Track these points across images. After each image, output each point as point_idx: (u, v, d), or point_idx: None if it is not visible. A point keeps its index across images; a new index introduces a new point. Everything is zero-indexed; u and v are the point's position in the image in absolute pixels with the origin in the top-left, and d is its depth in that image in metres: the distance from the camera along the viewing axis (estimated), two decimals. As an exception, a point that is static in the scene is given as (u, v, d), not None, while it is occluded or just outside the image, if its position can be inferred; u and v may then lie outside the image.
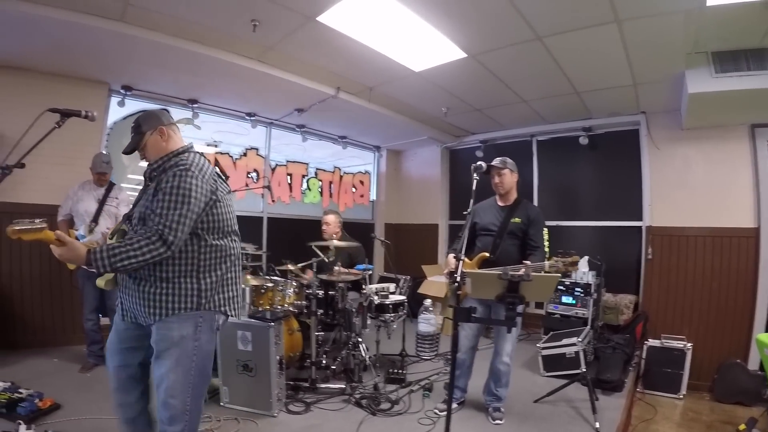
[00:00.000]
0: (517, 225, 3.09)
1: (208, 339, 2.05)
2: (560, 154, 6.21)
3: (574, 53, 3.82)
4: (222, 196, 2.06)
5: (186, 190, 1.90)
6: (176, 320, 1.97)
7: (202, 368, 2.04)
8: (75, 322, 4.40)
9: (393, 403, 3.26)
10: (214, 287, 2.03)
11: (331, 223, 4.45)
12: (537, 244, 3.01)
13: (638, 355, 4.52)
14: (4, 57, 4.11)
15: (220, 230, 2.06)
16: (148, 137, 2.13)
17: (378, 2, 3.09)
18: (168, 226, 1.85)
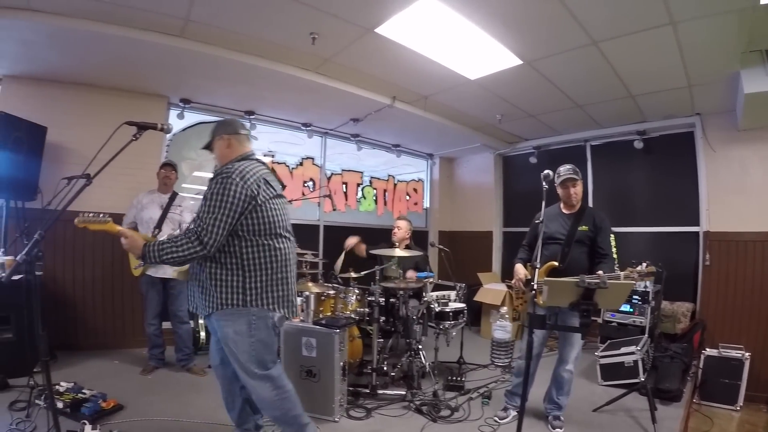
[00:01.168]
0: (584, 233, 3.10)
1: (265, 335, 2.24)
2: (615, 159, 6.15)
3: (629, 57, 3.81)
4: (265, 200, 2.23)
5: (223, 196, 2.13)
6: (229, 316, 2.20)
7: (264, 361, 2.25)
8: (135, 325, 4.67)
9: (453, 411, 3.32)
10: (262, 285, 2.21)
11: (402, 228, 4.60)
12: (605, 252, 3.02)
13: (695, 365, 4.42)
14: (68, 73, 4.41)
15: (264, 232, 2.22)
16: (216, 141, 2.45)
17: (435, 12, 3.17)
18: (204, 228, 2.10)
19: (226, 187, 2.15)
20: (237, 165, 2.27)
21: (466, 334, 4.52)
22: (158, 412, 3.13)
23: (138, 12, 3.36)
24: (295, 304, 2.37)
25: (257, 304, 2.19)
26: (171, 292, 4.03)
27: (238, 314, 2.19)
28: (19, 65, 4.25)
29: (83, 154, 4.40)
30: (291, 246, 2.37)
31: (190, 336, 4.17)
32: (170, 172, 4.12)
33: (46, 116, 4.28)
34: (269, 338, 2.26)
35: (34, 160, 4.14)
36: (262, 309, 2.22)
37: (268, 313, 2.23)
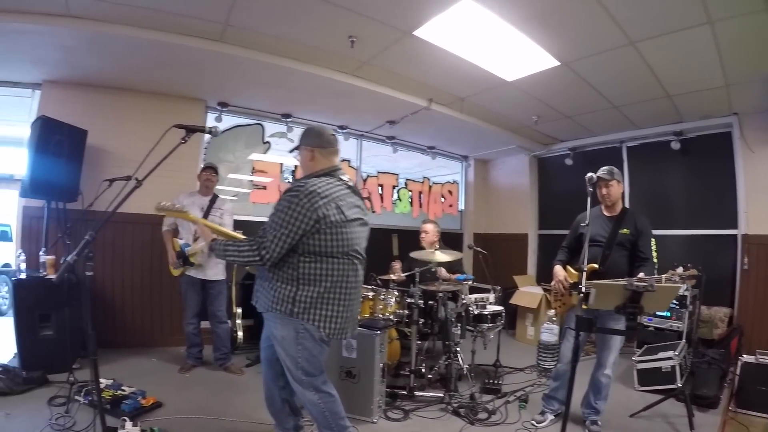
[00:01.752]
0: (625, 236, 3.09)
1: (312, 346, 2.25)
2: (651, 160, 6.08)
3: (666, 56, 3.80)
4: (332, 223, 2.20)
5: (287, 216, 2.15)
6: (279, 320, 2.26)
7: (309, 366, 2.28)
8: (173, 324, 4.80)
9: (490, 414, 3.34)
10: (311, 301, 2.21)
11: (429, 231, 4.62)
12: (646, 256, 3.01)
13: (732, 371, 4.35)
14: (107, 78, 4.56)
15: (324, 252, 2.22)
16: (301, 150, 2.44)
17: (474, 14, 3.21)
18: (264, 244, 2.16)
19: (292, 207, 2.16)
20: (311, 183, 2.25)
21: (502, 338, 4.53)
22: (197, 410, 3.20)
23: (178, 17, 3.46)
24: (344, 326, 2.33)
25: (304, 318, 2.22)
26: (210, 292, 4.12)
27: (288, 321, 2.24)
28: (59, 70, 4.39)
29: (123, 157, 4.59)
30: (353, 268, 2.35)
31: (228, 335, 4.25)
32: (212, 175, 4.19)
33: (87, 120, 4.40)
34: (315, 350, 2.27)
35: (75, 163, 4.25)
36: (308, 323, 2.23)
37: (316, 332, 2.24)
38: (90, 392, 3.20)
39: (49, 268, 3.97)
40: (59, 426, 2.83)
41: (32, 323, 3.74)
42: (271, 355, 2.46)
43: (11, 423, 2.87)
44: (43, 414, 2.98)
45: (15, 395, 3.27)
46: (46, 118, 4.02)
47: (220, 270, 4.15)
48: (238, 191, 5.58)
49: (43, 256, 4.03)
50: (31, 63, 4.23)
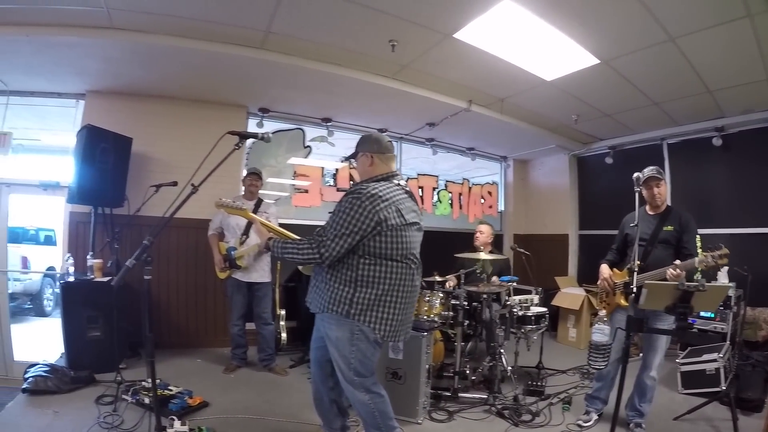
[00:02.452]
0: (669, 233, 3.09)
1: (366, 347, 2.28)
2: (693, 158, 5.97)
3: (706, 51, 3.75)
4: (391, 226, 2.24)
5: (349, 216, 2.18)
6: (334, 321, 2.29)
7: (362, 368, 2.31)
8: (216, 326, 4.94)
9: (534, 415, 3.33)
10: (368, 303, 2.24)
11: (485, 232, 4.68)
12: (690, 251, 2.99)
13: None
14: (150, 87, 4.71)
15: (383, 255, 2.25)
16: (359, 157, 2.49)
17: (513, 15, 3.22)
18: (324, 242, 2.20)
19: (355, 208, 2.20)
20: (372, 186, 2.29)
21: (546, 339, 4.54)
22: (243, 410, 3.27)
23: (220, 26, 3.55)
24: (398, 329, 2.36)
25: (360, 319, 2.26)
26: (256, 294, 4.19)
27: (344, 322, 2.27)
28: (102, 81, 4.55)
29: (167, 163, 4.74)
30: (410, 272, 2.37)
31: (272, 337, 4.32)
32: (256, 180, 4.26)
33: (131, 128, 4.55)
34: (369, 351, 2.31)
35: (120, 169, 4.40)
36: (364, 325, 2.26)
37: (371, 334, 2.28)
38: (137, 392, 3.30)
39: (97, 271, 4.11)
40: (107, 424, 2.92)
41: (80, 324, 3.87)
42: (322, 356, 2.50)
43: (60, 421, 2.97)
44: (91, 412, 3.08)
45: (63, 394, 3.38)
46: (92, 127, 4.17)
47: (265, 272, 4.21)
48: (280, 195, 5.68)
49: (90, 259, 4.18)
50: (75, 74, 4.39)
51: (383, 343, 2.37)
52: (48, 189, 4.78)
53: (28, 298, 7.14)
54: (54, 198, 4.88)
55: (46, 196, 4.86)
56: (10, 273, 4.98)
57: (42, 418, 3.00)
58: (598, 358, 3.01)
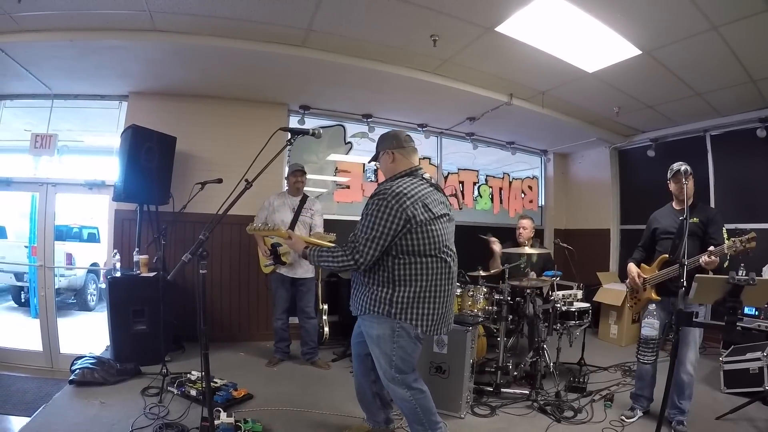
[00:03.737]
0: (695, 225, 3.06)
1: (407, 344, 2.31)
2: (737, 149, 5.75)
3: (748, 40, 3.64)
4: (420, 223, 2.24)
5: (378, 218, 2.21)
6: (375, 320, 2.33)
7: (403, 365, 2.33)
8: (260, 320, 5.04)
9: (576, 412, 3.29)
10: (408, 301, 2.25)
11: (527, 227, 4.65)
12: (718, 242, 2.95)
13: None
14: (192, 87, 4.82)
15: (417, 252, 2.26)
16: (381, 156, 2.52)
17: (554, 8, 3.19)
18: (357, 248, 2.23)
19: (382, 210, 2.22)
20: (396, 184, 2.31)
21: (588, 336, 4.45)
22: (287, 403, 3.31)
23: (261, 25, 3.59)
24: (440, 323, 2.37)
25: (401, 317, 2.28)
26: (300, 289, 4.25)
27: (385, 320, 2.30)
28: (145, 82, 4.68)
29: (210, 161, 4.86)
30: (446, 265, 2.37)
31: (315, 331, 4.37)
32: (301, 176, 4.28)
33: (174, 127, 4.67)
34: (410, 348, 2.33)
35: (165, 168, 4.51)
36: (405, 322, 2.28)
37: (412, 330, 2.29)
38: (183, 383, 3.39)
39: (143, 266, 4.23)
40: (153, 415, 2.98)
41: (126, 318, 4.00)
42: (362, 350, 2.56)
43: (107, 411, 3.05)
44: (137, 403, 3.17)
45: (109, 385, 3.48)
46: (137, 127, 4.29)
47: (310, 268, 4.25)
48: (321, 191, 5.73)
49: (136, 255, 4.27)
50: (118, 76, 4.52)
51: (424, 339, 2.38)
52: (93, 188, 4.96)
53: (72, 293, 7.41)
54: (99, 197, 5.04)
55: (92, 195, 5.03)
56: (56, 269, 5.15)
57: (89, 408, 3.09)
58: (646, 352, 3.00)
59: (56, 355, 4.80)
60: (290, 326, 4.40)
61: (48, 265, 4.83)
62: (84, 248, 7.80)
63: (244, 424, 2.77)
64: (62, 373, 4.28)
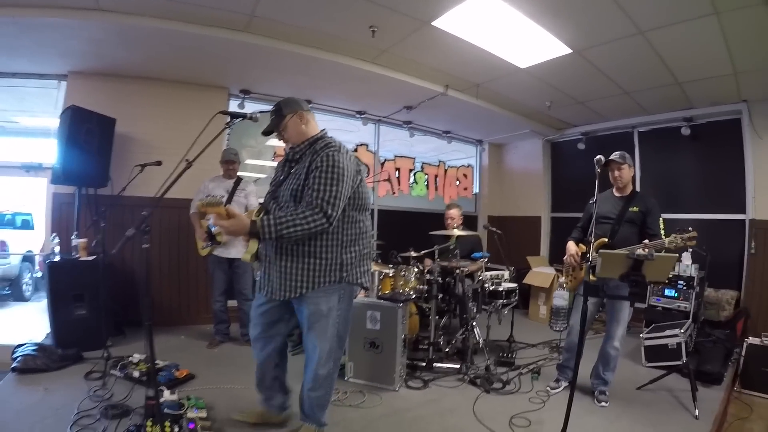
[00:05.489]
0: (635, 213, 3.37)
1: (347, 307, 2.44)
2: (662, 146, 6.28)
3: (674, 45, 4.00)
4: (361, 177, 2.40)
5: (340, 169, 2.20)
6: (323, 294, 2.32)
7: (342, 335, 2.46)
8: (199, 303, 5.13)
9: (504, 384, 3.61)
10: (354, 261, 2.38)
11: (455, 217, 4.93)
12: (654, 232, 3.26)
13: (738, 352, 4.56)
14: (133, 68, 4.83)
15: (361, 207, 2.40)
16: (288, 119, 2.44)
17: (489, 6, 3.46)
18: (327, 201, 2.15)
19: (340, 161, 2.22)
20: (333, 139, 2.41)
21: (515, 316, 4.80)
22: (227, 382, 3.46)
23: (205, 9, 3.69)
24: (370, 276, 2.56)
25: (350, 279, 2.35)
26: (236, 271, 4.39)
27: (333, 290, 2.33)
28: (85, 62, 4.64)
29: (149, 143, 4.88)
30: (369, 222, 2.52)
31: None
32: (232, 165, 4.43)
33: (113, 109, 4.66)
34: (350, 311, 2.48)
35: (104, 150, 4.53)
36: (351, 284, 2.39)
37: (353, 287, 2.42)
38: (125, 366, 3.46)
39: (82, 250, 4.24)
40: (98, 397, 3.06)
41: (66, 303, 4.02)
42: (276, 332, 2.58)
43: (51, 396, 3.11)
44: (81, 388, 3.23)
45: (52, 371, 3.52)
46: (77, 108, 4.27)
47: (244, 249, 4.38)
48: (260, 177, 5.86)
49: (75, 239, 4.29)
50: (59, 55, 4.46)
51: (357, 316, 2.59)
52: (30, 171, 4.88)
53: (6, 284, 7.15)
54: (36, 180, 4.98)
55: (29, 178, 4.96)
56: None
57: (33, 394, 3.13)
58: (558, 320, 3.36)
59: (-7, 346, 4.71)
60: (229, 309, 4.55)
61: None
62: (17, 236, 7.56)
63: (187, 401, 2.87)
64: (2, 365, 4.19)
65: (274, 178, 2.61)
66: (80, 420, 2.75)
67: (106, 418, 2.80)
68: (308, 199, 2.20)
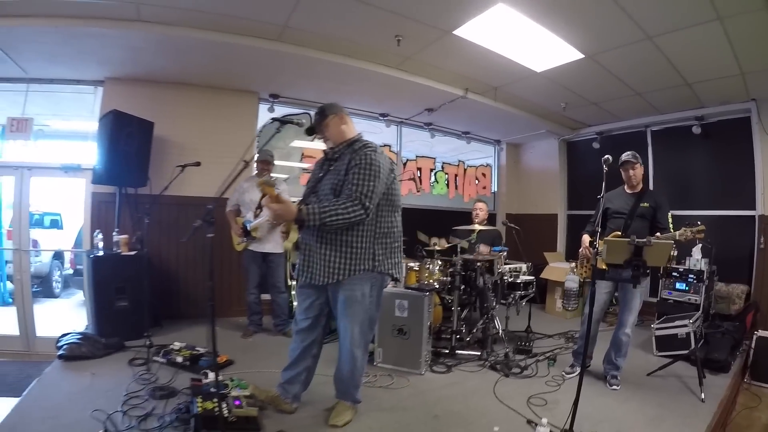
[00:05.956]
0: (646, 209, 3.68)
1: (378, 295, 2.77)
2: (674, 144, 6.56)
3: (681, 49, 4.28)
4: (394, 176, 2.72)
5: (377, 167, 2.51)
6: (357, 281, 2.61)
7: (373, 319, 2.79)
8: (232, 297, 5.48)
9: (523, 369, 3.94)
10: (385, 254, 2.70)
11: (483, 209, 5.35)
12: (664, 226, 3.57)
13: (747, 344, 4.75)
14: (169, 74, 5.19)
15: (393, 204, 2.72)
16: (330, 119, 2.75)
17: (505, 16, 3.78)
18: (365, 194, 2.44)
19: (377, 160, 2.53)
20: (370, 141, 2.72)
21: (533, 310, 5.17)
22: (264, 366, 3.75)
23: (242, 20, 4.01)
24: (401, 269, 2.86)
25: (381, 269, 2.65)
26: (270, 265, 4.74)
27: (366, 278, 2.63)
28: (123, 68, 4.96)
29: (183, 145, 5.25)
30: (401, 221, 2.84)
31: (286, 304, 4.91)
32: (267, 165, 4.72)
33: (149, 113, 4.99)
34: (380, 298, 2.81)
35: (143, 152, 4.90)
36: (383, 274, 2.69)
37: (385, 277, 2.75)
38: (169, 352, 3.76)
39: (123, 246, 4.60)
40: (144, 380, 3.31)
41: (109, 296, 4.33)
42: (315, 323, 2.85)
43: (100, 380, 3.37)
44: (126, 373, 3.50)
45: (97, 359, 3.78)
46: (118, 112, 4.61)
47: (278, 244, 4.64)
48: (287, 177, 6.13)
49: (116, 235, 4.66)
50: (97, 62, 4.76)
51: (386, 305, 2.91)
52: (69, 171, 5.20)
53: (38, 280, 7.49)
54: (73, 180, 5.31)
55: (67, 178, 5.28)
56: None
57: (82, 379, 3.38)
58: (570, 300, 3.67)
59: (33, 339, 5.02)
60: (262, 301, 4.89)
61: (24, 248, 5.06)
62: (46, 235, 7.95)
63: (231, 382, 3.05)
64: (40, 356, 4.57)
65: (313, 175, 2.92)
66: (129, 401, 2.98)
67: (154, 398, 3.03)
68: (348, 192, 2.48)
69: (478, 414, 3.14)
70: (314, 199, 2.73)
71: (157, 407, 2.88)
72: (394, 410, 3.15)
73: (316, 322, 2.85)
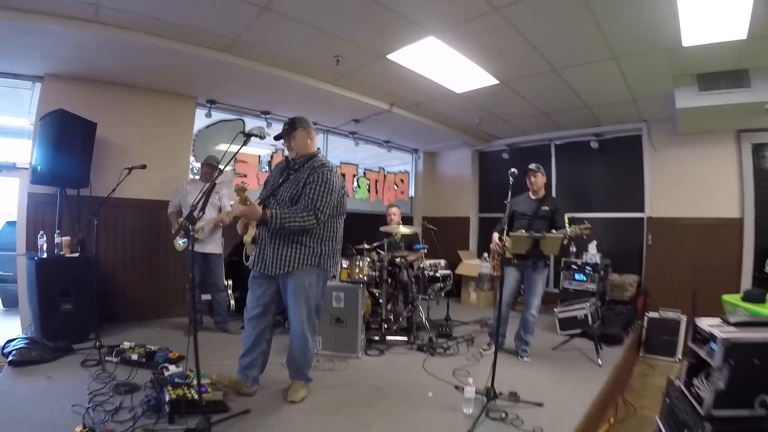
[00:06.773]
0: (546, 211, 4.47)
1: (323, 287, 3.31)
2: (575, 156, 7.60)
3: (583, 80, 5.15)
4: (345, 191, 3.30)
5: (332, 185, 3.04)
6: (305, 272, 3.09)
7: (318, 307, 3.30)
8: (169, 298, 5.69)
9: (445, 349, 4.67)
10: (328, 254, 3.24)
11: (396, 213, 5.97)
12: (560, 225, 4.35)
13: (640, 324, 5.81)
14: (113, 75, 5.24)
15: (338, 213, 3.26)
16: (298, 132, 3.21)
17: (434, 47, 4.44)
18: (319, 209, 2.99)
19: (332, 179, 3.05)
20: (326, 160, 3.20)
21: (450, 302, 6.03)
22: (215, 359, 3.95)
23: (196, 31, 4.23)
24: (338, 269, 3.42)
25: (324, 267, 3.16)
26: (210, 265, 5.08)
27: (312, 271, 3.12)
28: (66, 66, 4.89)
29: (123, 147, 5.36)
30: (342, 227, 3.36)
31: (226, 302, 5.29)
32: (211, 170, 5.09)
33: (88, 112, 4.93)
34: (324, 289, 3.31)
35: (86, 153, 4.90)
36: (325, 271, 3.20)
37: (329, 272, 3.28)
38: (121, 351, 3.88)
39: (65, 248, 4.57)
40: (103, 379, 3.41)
41: (54, 298, 4.33)
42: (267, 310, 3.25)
43: (56, 383, 3.38)
44: (82, 373, 3.57)
45: (47, 363, 3.78)
46: (64, 111, 4.56)
47: (218, 245, 5.06)
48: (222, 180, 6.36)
49: (57, 237, 4.61)
50: (42, 58, 4.66)
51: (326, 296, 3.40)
52: (2, 170, 5.05)
53: None
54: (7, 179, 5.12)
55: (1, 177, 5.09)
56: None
57: (37, 383, 3.39)
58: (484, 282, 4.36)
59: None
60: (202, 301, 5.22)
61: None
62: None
63: (191, 373, 3.16)
64: None
65: (273, 178, 3.39)
66: (95, 398, 3.07)
67: (119, 394, 3.15)
68: (305, 203, 3.00)
69: (413, 384, 3.76)
70: (273, 201, 3.21)
71: (125, 402, 3.04)
72: (341, 386, 3.66)
73: (266, 309, 3.26)
